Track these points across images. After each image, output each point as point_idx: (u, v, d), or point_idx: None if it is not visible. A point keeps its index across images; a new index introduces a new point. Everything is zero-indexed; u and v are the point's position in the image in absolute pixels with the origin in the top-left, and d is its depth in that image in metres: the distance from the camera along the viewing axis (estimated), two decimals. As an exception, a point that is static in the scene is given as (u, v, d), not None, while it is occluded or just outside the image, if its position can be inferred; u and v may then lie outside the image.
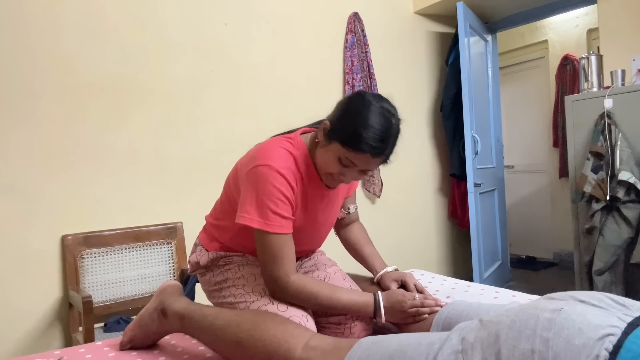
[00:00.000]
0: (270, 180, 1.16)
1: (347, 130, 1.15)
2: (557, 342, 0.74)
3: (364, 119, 1.13)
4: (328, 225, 1.42)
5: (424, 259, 3.58)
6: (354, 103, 1.19)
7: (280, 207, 1.17)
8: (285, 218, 1.19)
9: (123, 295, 2.22)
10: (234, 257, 1.37)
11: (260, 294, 1.23)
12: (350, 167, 1.19)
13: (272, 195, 1.16)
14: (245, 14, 2.73)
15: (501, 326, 0.82)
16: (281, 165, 1.19)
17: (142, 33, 2.38)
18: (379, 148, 1.15)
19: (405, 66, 3.55)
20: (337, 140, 1.16)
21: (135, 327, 1.28)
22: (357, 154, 1.15)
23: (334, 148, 1.17)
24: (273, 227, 1.16)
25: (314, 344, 1.00)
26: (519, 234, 4.88)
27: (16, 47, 2.06)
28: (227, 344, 1.10)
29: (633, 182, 2.48)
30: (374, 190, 3.26)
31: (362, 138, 1.12)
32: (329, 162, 1.20)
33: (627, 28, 2.86)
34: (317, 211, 1.32)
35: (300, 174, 1.24)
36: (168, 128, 2.45)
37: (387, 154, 1.20)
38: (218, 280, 1.34)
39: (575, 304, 0.80)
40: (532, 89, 4.78)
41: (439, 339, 0.89)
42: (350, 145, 1.14)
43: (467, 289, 1.67)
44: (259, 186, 1.17)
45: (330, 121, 1.20)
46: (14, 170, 2.05)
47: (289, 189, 1.19)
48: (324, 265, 1.41)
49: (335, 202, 1.40)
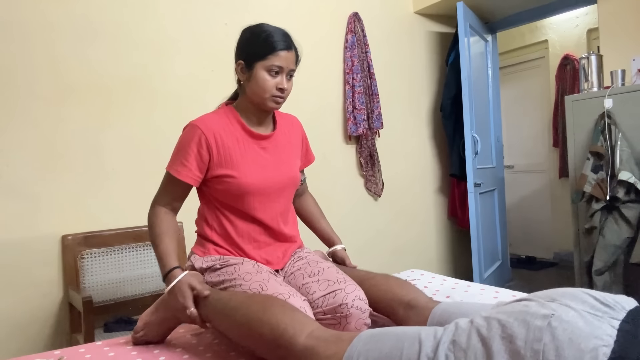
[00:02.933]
0: (185, 133, 1.39)
1: (257, 48, 1.36)
2: (548, 355, 0.75)
3: (260, 32, 1.37)
4: (286, 177, 1.48)
5: (424, 259, 3.58)
6: (245, 34, 1.42)
7: (183, 156, 1.36)
8: (184, 165, 1.36)
9: (123, 295, 2.22)
10: (230, 259, 1.39)
11: (257, 291, 1.24)
12: (280, 72, 1.37)
13: (182, 145, 1.38)
14: (246, 14, 2.73)
15: (492, 333, 0.82)
16: (199, 121, 1.39)
17: (142, 33, 2.38)
18: (287, 41, 1.37)
19: (405, 66, 3.55)
20: (255, 60, 1.36)
21: (151, 312, 1.33)
22: (276, 55, 1.35)
23: (257, 69, 1.36)
24: (170, 168, 1.38)
25: (317, 334, 1.03)
26: (519, 233, 4.88)
27: (16, 48, 2.06)
28: (237, 325, 1.15)
29: (633, 182, 2.48)
30: (375, 190, 3.26)
31: (270, 41, 1.35)
32: (262, 84, 1.36)
33: (627, 28, 2.86)
34: (263, 166, 1.43)
35: (219, 127, 1.40)
36: (168, 128, 2.44)
37: (295, 49, 1.41)
38: (215, 282, 1.36)
39: (567, 310, 0.80)
40: (532, 89, 4.78)
41: (434, 337, 0.90)
42: (268, 52, 1.35)
43: (467, 289, 1.67)
44: (179, 139, 1.40)
45: (239, 59, 1.40)
46: (14, 171, 2.05)
47: (197, 141, 1.36)
48: (315, 262, 1.43)
49: (285, 154, 1.50)
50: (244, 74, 1.40)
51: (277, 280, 1.30)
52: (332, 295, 1.26)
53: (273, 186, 1.45)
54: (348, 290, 1.27)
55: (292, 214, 1.56)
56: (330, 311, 1.26)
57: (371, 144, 3.21)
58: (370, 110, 3.19)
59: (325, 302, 1.26)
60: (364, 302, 1.27)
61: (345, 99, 3.15)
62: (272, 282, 1.27)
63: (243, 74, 1.40)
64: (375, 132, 3.25)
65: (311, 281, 1.34)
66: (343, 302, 1.24)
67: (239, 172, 1.39)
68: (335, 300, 1.25)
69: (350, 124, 3.12)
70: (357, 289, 1.29)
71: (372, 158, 3.23)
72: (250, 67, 1.37)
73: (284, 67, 1.37)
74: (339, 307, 1.24)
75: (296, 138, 1.58)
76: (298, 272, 1.41)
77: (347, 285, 1.28)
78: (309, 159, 1.67)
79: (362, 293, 1.29)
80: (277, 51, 1.35)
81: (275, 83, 1.37)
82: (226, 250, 1.43)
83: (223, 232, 1.44)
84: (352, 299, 1.25)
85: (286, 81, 1.39)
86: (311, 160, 1.68)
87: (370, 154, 3.21)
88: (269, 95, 1.38)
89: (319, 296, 1.28)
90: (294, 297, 1.22)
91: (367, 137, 3.19)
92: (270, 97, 1.39)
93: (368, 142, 3.20)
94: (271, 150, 1.47)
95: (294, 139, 1.57)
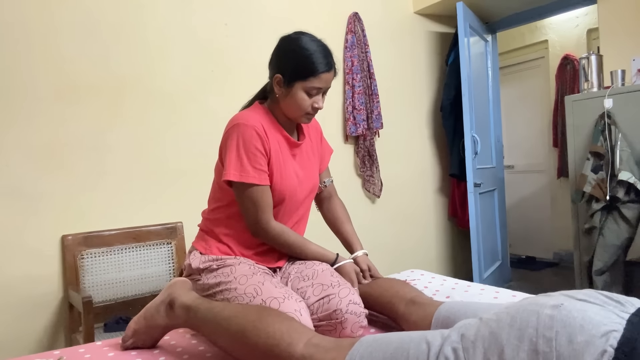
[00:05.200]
0: (241, 135, 1.33)
1: (299, 67, 1.33)
2: (560, 341, 0.74)
3: (303, 50, 1.34)
4: (310, 185, 1.50)
5: (424, 259, 3.58)
6: (285, 47, 1.38)
7: (253, 160, 1.32)
8: (260, 170, 1.33)
9: (123, 295, 2.22)
10: (227, 259, 1.38)
11: (252, 295, 1.24)
12: (317, 92, 1.36)
13: (246, 149, 1.32)
14: (245, 14, 2.73)
15: (502, 324, 0.81)
16: (250, 120, 1.34)
17: (142, 33, 2.38)
18: (328, 63, 1.36)
19: (405, 66, 3.55)
20: (296, 79, 1.34)
21: (140, 320, 1.29)
22: (317, 78, 1.33)
23: (296, 88, 1.35)
24: (249, 178, 1.32)
25: (316, 341, 1.01)
26: (519, 234, 4.88)
27: (16, 48, 2.06)
28: (231, 333, 1.11)
29: (633, 182, 2.48)
30: (374, 191, 3.26)
31: (313, 63, 1.33)
32: (299, 103, 1.36)
33: (627, 28, 2.86)
34: (295, 169, 1.44)
35: (264, 127, 1.37)
36: (168, 128, 2.45)
37: (334, 66, 1.39)
38: (211, 283, 1.36)
39: (574, 301, 0.80)
40: (532, 89, 4.78)
41: (441, 336, 0.89)
42: (310, 74, 1.33)
43: (467, 289, 1.67)
44: (233, 143, 1.33)
45: (278, 73, 1.37)
46: (14, 171, 2.05)
47: (258, 140, 1.33)
48: (311, 264, 1.43)
49: (309, 161, 1.51)
50: (281, 88, 1.38)
51: (272, 282, 1.28)
52: (326, 301, 1.25)
53: (300, 194, 1.47)
54: (342, 294, 1.26)
55: (305, 220, 1.57)
56: (325, 317, 1.25)
57: (369, 144, 3.21)
58: (370, 110, 3.19)
59: (320, 308, 1.26)
60: (358, 306, 1.26)
61: (345, 99, 3.15)
62: (267, 284, 1.26)
63: (279, 87, 1.38)
64: (374, 132, 3.25)
65: (305, 285, 1.33)
66: (337, 307, 1.23)
67: (280, 179, 1.39)
68: (330, 306, 1.24)
69: (349, 124, 3.12)
70: (351, 292, 1.28)
71: (370, 158, 3.22)
72: (289, 84, 1.35)
73: (323, 87, 1.37)
74: (333, 312, 1.24)
75: (317, 141, 1.59)
76: (294, 274, 1.41)
77: (341, 289, 1.27)
78: (324, 162, 1.64)
79: (356, 296, 1.28)
80: (319, 74, 1.33)
81: (312, 102, 1.37)
82: (228, 248, 1.43)
83: (231, 233, 1.43)
84: (347, 303, 1.24)
85: (322, 99, 1.40)
86: (325, 163, 1.65)
87: (368, 154, 3.21)
88: (304, 113, 1.39)
89: (313, 302, 1.27)
90: (289, 299, 1.21)
91: (365, 137, 3.19)
92: (304, 115, 1.40)
93: (366, 142, 3.20)
94: (299, 157, 1.48)
95: (315, 144, 1.58)
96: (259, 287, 1.25)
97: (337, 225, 1.64)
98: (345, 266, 1.44)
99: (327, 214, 1.66)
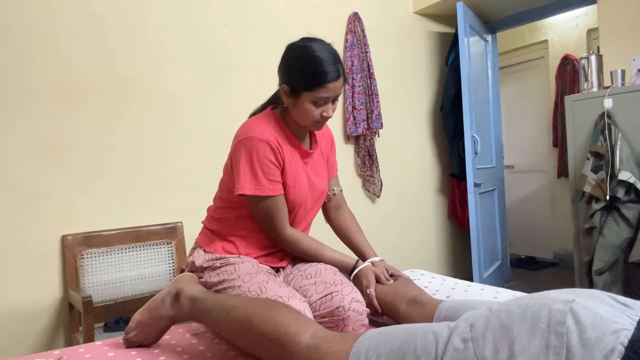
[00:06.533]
0: (255, 148, 1.31)
1: (306, 77, 1.29)
2: (571, 336, 0.74)
3: (308, 60, 1.29)
4: (320, 192, 1.50)
5: (424, 259, 3.58)
6: (291, 56, 1.34)
7: (267, 172, 1.32)
8: (274, 181, 1.33)
9: (123, 295, 2.22)
10: (230, 258, 1.39)
11: (257, 294, 1.24)
12: (325, 102, 1.33)
13: (260, 162, 1.31)
14: (245, 14, 2.73)
15: (513, 316, 0.81)
16: (262, 133, 1.32)
17: (142, 33, 2.38)
18: (336, 71, 1.30)
19: (405, 66, 3.55)
20: (302, 90, 1.30)
21: (144, 312, 1.29)
22: (324, 88, 1.29)
23: (303, 99, 1.31)
24: (264, 191, 1.32)
25: (322, 334, 1.02)
26: (519, 234, 4.88)
27: (15, 48, 2.06)
28: (237, 322, 1.11)
29: (633, 182, 2.48)
30: (374, 191, 3.26)
31: (320, 73, 1.28)
32: (307, 113, 1.33)
33: (627, 28, 2.86)
34: (307, 177, 1.44)
35: (278, 139, 1.36)
36: (168, 128, 2.45)
37: (343, 73, 1.34)
38: (214, 281, 1.36)
39: (585, 298, 0.80)
40: (532, 89, 4.78)
41: (447, 327, 0.89)
42: (316, 85, 1.28)
43: (467, 289, 1.67)
44: (246, 156, 1.32)
45: (285, 83, 1.33)
46: (14, 171, 2.05)
47: (272, 153, 1.32)
48: (316, 263, 1.43)
49: (320, 167, 1.50)
50: (288, 98, 1.35)
51: (276, 282, 1.29)
52: (329, 298, 1.26)
53: (310, 202, 1.47)
54: (345, 292, 1.26)
55: (310, 224, 1.58)
56: (328, 314, 1.25)
57: (370, 144, 3.21)
58: (370, 110, 3.19)
59: (322, 305, 1.26)
60: (360, 304, 1.27)
61: (345, 99, 3.15)
62: (272, 283, 1.27)
63: (287, 97, 1.35)
64: (374, 132, 3.25)
65: (308, 283, 1.33)
66: (340, 304, 1.24)
67: (293, 189, 1.40)
68: (332, 303, 1.25)
69: (349, 124, 3.12)
70: (353, 290, 1.29)
71: (370, 158, 3.22)
72: (296, 95, 1.32)
73: (331, 96, 1.33)
74: (336, 310, 1.24)
75: (326, 148, 1.58)
76: (297, 272, 1.42)
77: (343, 287, 1.28)
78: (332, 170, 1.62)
79: (358, 294, 1.29)
80: (326, 84, 1.29)
81: (320, 111, 1.34)
82: (233, 247, 1.43)
83: (240, 233, 1.44)
84: (349, 301, 1.24)
85: (331, 107, 1.36)
86: (333, 172, 1.63)
87: (368, 154, 3.21)
88: (313, 122, 1.37)
89: (315, 299, 1.28)
90: (294, 299, 1.21)
91: (365, 137, 3.19)
92: (313, 123, 1.38)
93: (366, 142, 3.20)
94: (310, 165, 1.48)
95: (325, 151, 1.57)
96: (263, 286, 1.26)
97: (348, 235, 1.59)
98: (363, 269, 1.42)
99: (336, 224, 1.62)
